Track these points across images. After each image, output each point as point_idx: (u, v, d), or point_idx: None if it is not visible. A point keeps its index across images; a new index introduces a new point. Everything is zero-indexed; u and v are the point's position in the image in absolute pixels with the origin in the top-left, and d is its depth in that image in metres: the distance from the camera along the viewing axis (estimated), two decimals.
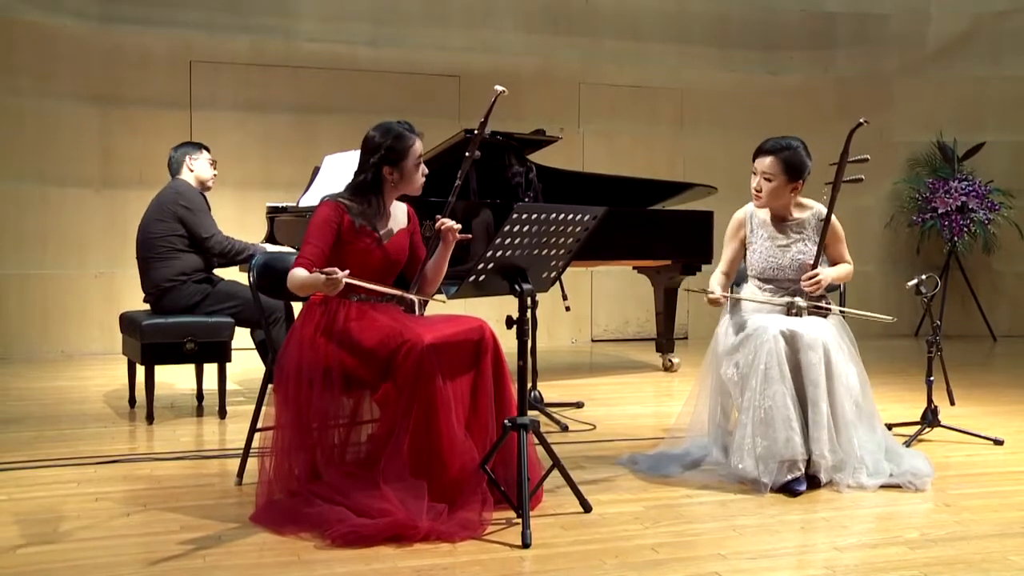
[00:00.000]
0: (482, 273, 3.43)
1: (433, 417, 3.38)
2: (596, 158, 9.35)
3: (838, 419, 3.96)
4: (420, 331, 3.46)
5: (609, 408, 5.83)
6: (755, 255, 4.35)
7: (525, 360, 3.49)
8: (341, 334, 3.57)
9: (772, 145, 4.25)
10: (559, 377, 7.06)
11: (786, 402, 3.90)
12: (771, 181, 4.24)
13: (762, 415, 3.93)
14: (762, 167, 4.24)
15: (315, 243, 3.63)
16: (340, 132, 8.26)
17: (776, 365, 3.93)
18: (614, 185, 7.07)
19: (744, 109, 9.85)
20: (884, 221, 10.16)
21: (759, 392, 3.94)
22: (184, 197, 5.47)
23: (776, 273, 4.30)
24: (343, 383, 3.56)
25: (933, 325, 4.87)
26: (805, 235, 4.32)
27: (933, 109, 10.03)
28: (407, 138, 3.73)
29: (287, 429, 3.56)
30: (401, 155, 3.71)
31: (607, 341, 9.61)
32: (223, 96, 8.47)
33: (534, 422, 3.48)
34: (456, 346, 3.50)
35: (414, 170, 3.75)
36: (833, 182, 4.20)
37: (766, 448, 3.91)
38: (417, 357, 3.39)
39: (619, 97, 9.67)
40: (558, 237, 3.56)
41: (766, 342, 3.97)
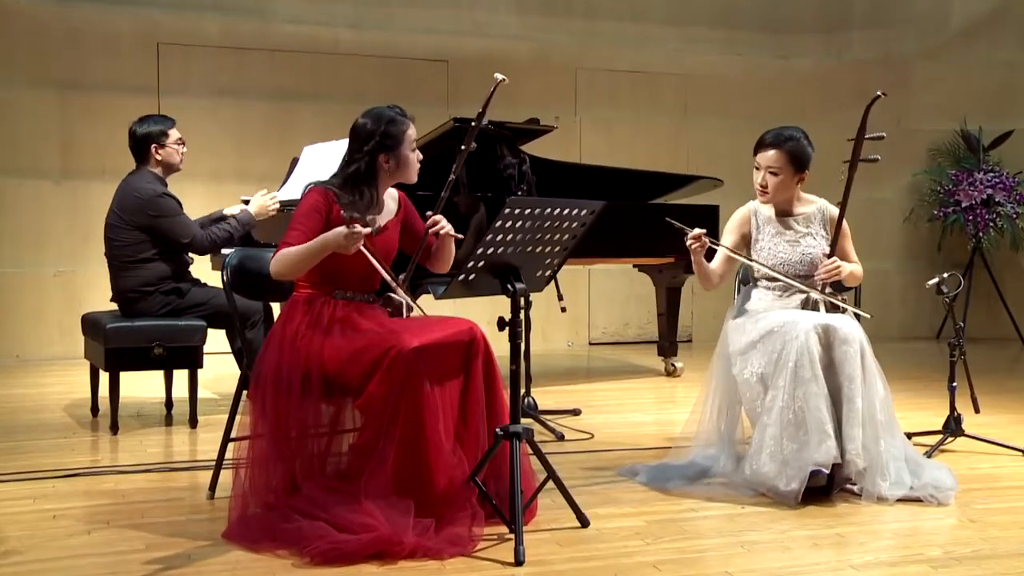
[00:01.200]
0: (472, 272, 3.43)
1: (420, 426, 3.38)
2: (594, 149, 9.36)
3: (868, 417, 3.97)
4: (406, 335, 3.47)
5: (608, 416, 5.83)
6: (763, 253, 4.36)
7: (518, 365, 3.49)
8: (324, 337, 3.57)
9: (774, 137, 4.30)
10: (554, 383, 7.06)
11: (819, 404, 3.90)
12: (777, 175, 4.29)
13: (791, 417, 3.93)
14: (766, 161, 4.29)
15: (300, 228, 3.62)
16: (320, 121, 8.26)
17: (808, 364, 3.93)
18: (613, 177, 7.07)
19: (752, 96, 9.87)
20: (903, 215, 10.18)
21: (788, 392, 3.95)
22: (152, 205, 5.36)
23: (786, 269, 4.31)
24: (324, 389, 3.56)
25: (956, 327, 4.88)
26: (813, 229, 4.36)
27: (956, 95, 10.04)
28: (401, 122, 3.74)
29: (264, 439, 3.56)
30: (397, 141, 3.72)
31: (606, 344, 9.62)
32: (193, 81, 8.47)
33: (528, 431, 3.48)
34: (444, 350, 3.51)
35: (411, 157, 3.77)
36: (850, 160, 4.25)
37: (795, 452, 3.91)
38: (403, 362, 3.39)
39: (618, 83, 9.68)
40: (553, 233, 3.56)
41: (796, 338, 3.97)
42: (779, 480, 3.91)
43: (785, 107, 9.56)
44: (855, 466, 3.93)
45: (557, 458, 4.35)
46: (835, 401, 3.97)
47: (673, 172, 7.75)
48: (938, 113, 10.08)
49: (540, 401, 5.62)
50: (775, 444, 3.94)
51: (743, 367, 4.16)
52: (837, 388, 3.98)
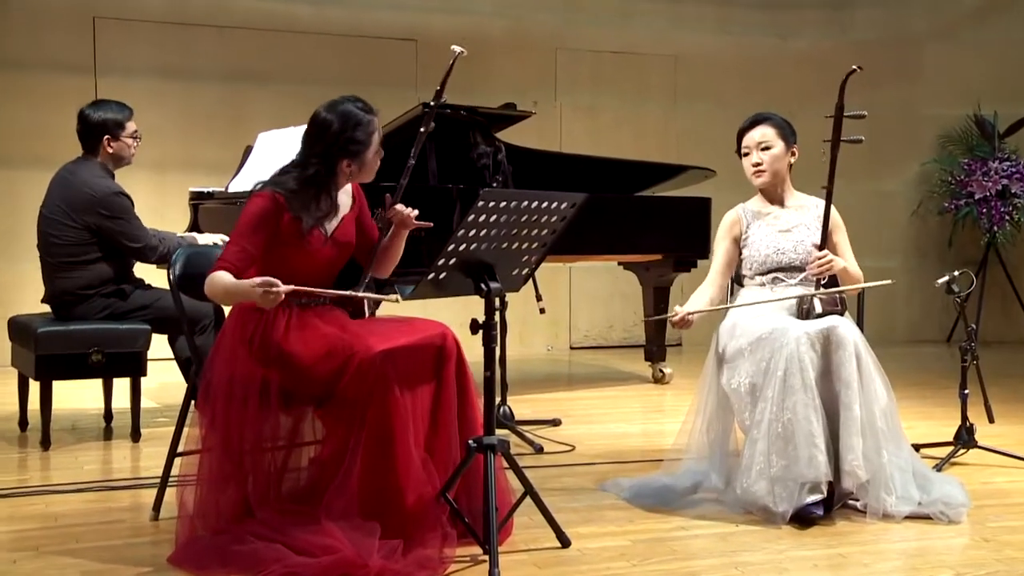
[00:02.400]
0: (442, 270, 3.43)
1: (389, 437, 3.38)
2: (575, 136, 9.38)
3: (868, 426, 3.98)
4: (371, 338, 3.47)
5: (591, 426, 5.85)
6: (754, 248, 4.41)
7: (493, 371, 3.50)
8: (279, 343, 3.56)
9: (758, 116, 4.51)
10: (532, 390, 7.07)
11: (808, 415, 3.92)
12: (771, 147, 4.43)
13: (779, 430, 3.94)
14: (757, 137, 4.44)
15: (243, 244, 3.59)
16: (276, 105, 8.24)
17: (798, 372, 3.95)
18: (596, 167, 7.08)
19: (747, 79, 9.90)
20: (910, 208, 10.24)
21: (776, 403, 3.96)
22: (106, 204, 5.31)
23: (780, 260, 4.37)
24: (281, 398, 3.55)
25: (968, 330, 4.90)
26: (806, 220, 4.43)
27: (969, 77, 10.09)
28: (368, 124, 3.70)
29: (214, 453, 3.55)
30: (364, 146, 3.70)
31: (588, 348, 9.64)
32: (135, 60, 8.43)
33: (503, 443, 3.49)
34: (414, 354, 3.51)
35: (374, 160, 3.77)
36: (831, 139, 4.30)
37: (784, 468, 3.92)
38: (369, 367, 3.39)
39: (602, 65, 9.69)
40: (531, 228, 3.57)
41: (786, 345, 3.99)
42: (769, 500, 3.92)
43: (783, 91, 9.60)
44: (856, 478, 3.93)
45: (535, 472, 4.37)
46: (832, 412, 3.99)
47: (661, 161, 7.77)
48: (949, 97, 10.12)
49: (517, 410, 5.62)
50: (764, 460, 3.96)
51: (731, 376, 4.18)
52: (834, 396, 3.99)
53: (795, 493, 3.90)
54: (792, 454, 3.91)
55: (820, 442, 3.90)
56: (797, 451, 3.90)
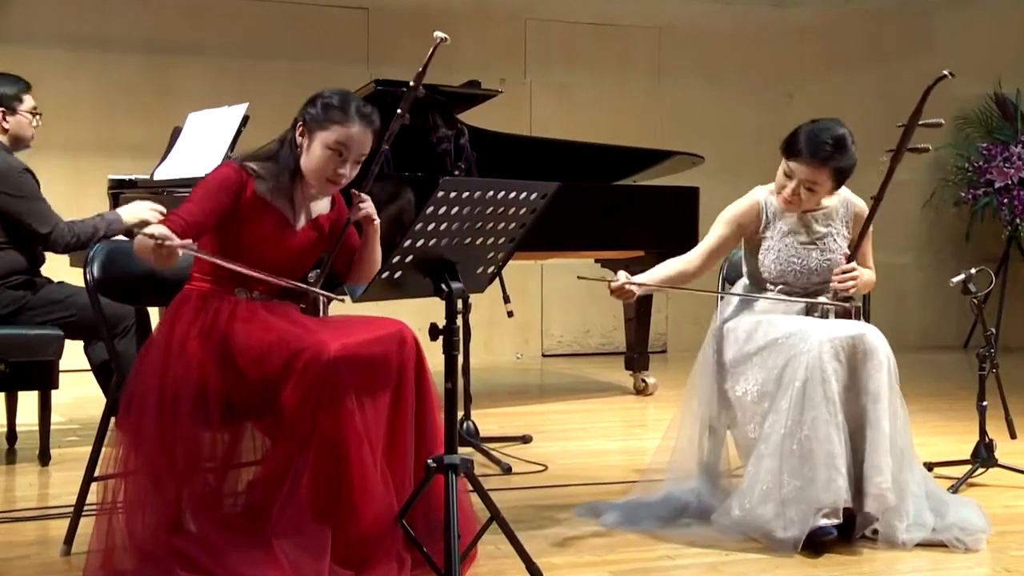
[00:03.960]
0: (397, 268, 3.44)
1: (342, 452, 3.38)
2: (547, 118, 9.39)
3: (894, 445, 3.98)
4: (324, 335, 3.46)
5: (565, 443, 5.87)
6: (771, 255, 4.38)
7: (455, 382, 3.50)
8: (220, 343, 3.55)
9: (815, 147, 4.20)
10: (500, 403, 7.08)
11: (829, 433, 3.90)
12: (814, 192, 4.27)
13: (794, 447, 3.93)
14: (803, 175, 4.24)
15: (198, 203, 3.60)
16: (208, 80, 8.22)
17: (820, 383, 3.93)
18: (570, 153, 7.10)
19: (740, 54, 9.93)
20: (923, 198, 10.30)
21: (792, 417, 3.95)
22: (10, 183, 5.28)
23: (798, 278, 4.35)
24: (221, 410, 3.53)
25: (987, 334, 4.93)
26: (833, 228, 4.39)
27: (989, 51, 10.15)
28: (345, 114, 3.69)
29: (138, 477, 3.53)
30: (320, 124, 3.69)
31: (562, 356, 9.66)
32: (43, 27, 8.37)
33: (467, 462, 3.49)
34: (371, 355, 3.51)
35: (322, 153, 3.70)
36: (895, 149, 4.28)
37: (797, 490, 3.90)
38: (321, 369, 3.38)
39: (577, 38, 9.71)
40: (497, 221, 3.58)
41: (807, 352, 3.97)
42: (776, 524, 3.91)
43: (781, 67, 9.65)
44: (884, 502, 3.91)
45: (503, 495, 4.38)
46: (854, 429, 3.97)
47: (644, 146, 7.79)
48: (966, 73, 10.06)
49: (482, 426, 5.63)
50: (773, 480, 3.95)
51: (736, 383, 4.19)
52: (859, 412, 3.98)
53: (808, 518, 3.88)
54: (808, 475, 3.89)
55: (841, 464, 3.89)
56: (814, 472, 3.88)
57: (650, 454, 4.81)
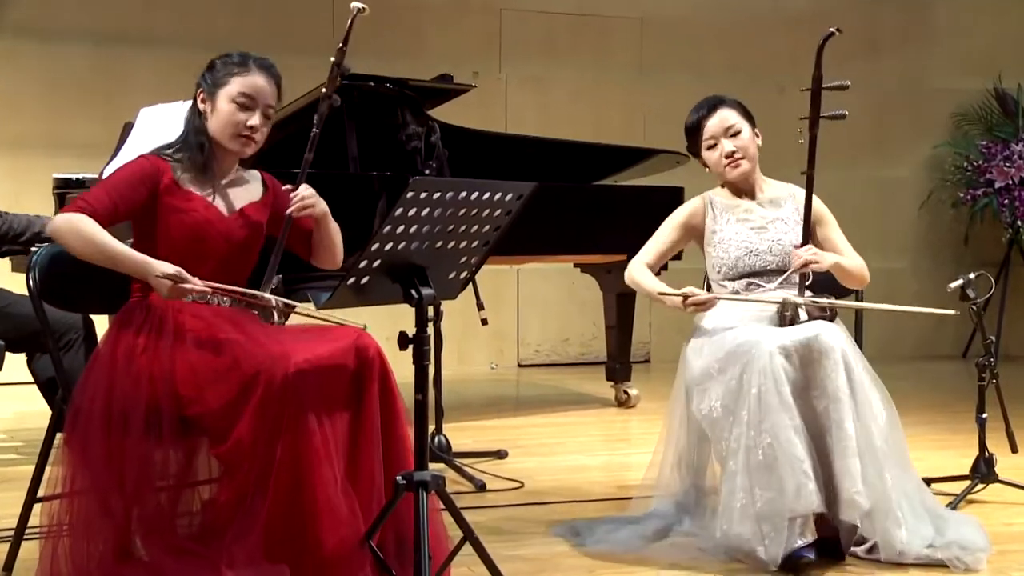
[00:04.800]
0: (364, 273, 3.44)
1: (304, 472, 3.36)
2: (523, 114, 9.40)
3: (865, 446, 3.99)
4: (281, 352, 3.46)
5: (542, 458, 5.88)
6: (722, 247, 4.47)
7: (425, 394, 3.50)
8: (170, 355, 3.53)
9: (711, 100, 4.62)
10: (474, 416, 7.09)
11: (790, 437, 3.93)
12: (741, 131, 4.52)
13: (759, 458, 3.95)
14: (722, 123, 4.54)
15: (109, 189, 3.60)
16: (162, 73, 8.18)
17: (773, 388, 3.96)
18: (547, 151, 7.11)
19: (729, 45, 9.96)
20: (920, 199, 10.33)
21: (753, 426, 3.97)
22: None
23: (754, 262, 4.41)
24: (174, 425, 3.52)
25: (986, 342, 4.95)
26: (783, 214, 4.49)
27: (989, 44, 10.20)
28: (244, 65, 3.79)
29: (85, 497, 3.51)
30: (220, 81, 3.77)
31: (539, 366, 9.66)
32: None
33: (438, 478, 3.49)
34: (330, 369, 3.50)
35: (228, 108, 3.75)
36: (809, 116, 4.34)
37: (769, 503, 3.92)
38: (278, 392, 3.37)
39: (555, 29, 9.72)
40: (470, 224, 3.58)
41: (758, 358, 4.01)
42: (756, 542, 3.93)
43: (771, 60, 9.68)
44: (857, 507, 3.93)
45: (477, 514, 4.39)
46: (818, 433, 4.00)
47: (625, 144, 7.80)
48: (966, 67, 10.22)
49: (455, 440, 5.63)
50: (746, 496, 3.96)
51: (700, 401, 4.20)
52: (819, 415, 4.01)
53: (784, 531, 3.89)
54: (777, 485, 3.91)
55: (808, 468, 3.91)
56: (783, 481, 3.91)
57: (633, 471, 4.82)
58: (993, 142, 9.96)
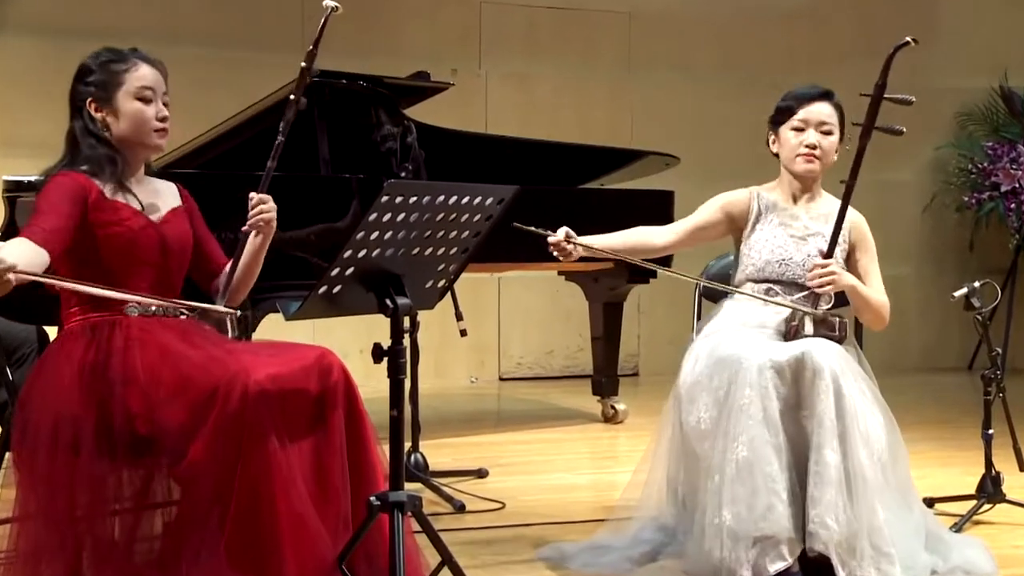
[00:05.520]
0: (337, 282, 3.43)
1: (267, 495, 3.35)
2: (504, 113, 9.40)
3: (852, 475, 3.95)
4: (238, 370, 3.42)
5: (525, 477, 5.88)
6: (756, 247, 4.44)
7: (401, 409, 3.50)
8: (120, 371, 3.51)
9: (823, 89, 4.51)
10: (452, 433, 7.08)
11: (767, 454, 3.91)
12: (831, 134, 4.46)
13: (734, 471, 3.94)
14: (820, 116, 4.45)
15: (53, 214, 3.53)
16: None
17: (758, 401, 3.95)
18: (530, 152, 7.11)
19: (721, 42, 9.97)
20: (922, 203, 10.36)
21: (732, 437, 3.97)
22: None
23: (783, 271, 4.38)
24: (127, 446, 3.50)
25: (992, 354, 4.96)
26: (826, 230, 4.41)
27: (994, 41, 10.24)
28: (126, 61, 3.75)
29: (34, 522, 3.49)
30: (110, 86, 3.72)
31: (522, 380, 9.66)
32: None
33: (414, 499, 3.49)
34: (292, 390, 3.48)
35: (134, 107, 3.72)
36: (864, 124, 4.31)
37: (736, 518, 3.90)
38: (236, 413, 3.35)
39: (538, 23, 9.72)
40: (449, 229, 3.58)
41: (745, 370, 4.00)
42: (737, 563, 3.90)
43: (766, 58, 9.69)
44: (818, 539, 3.86)
45: (455, 536, 4.38)
46: (803, 456, 3.97)
47: (612, 145, 7.80)
48: (970, 65, 10.24)
49: (433, 458, 5.63)
50: (730, 513, 3.94)
51: (690, 412, 4.19)
52: (805, 436, 3.99)
53: (748, 553, 3.87)
54: (747, 501, 3.90)
55: (781, 489, 3.89)
56: (753, 497, 3.89)
57: (621, 489, 4.81)
58: (999, 143, 9.98)
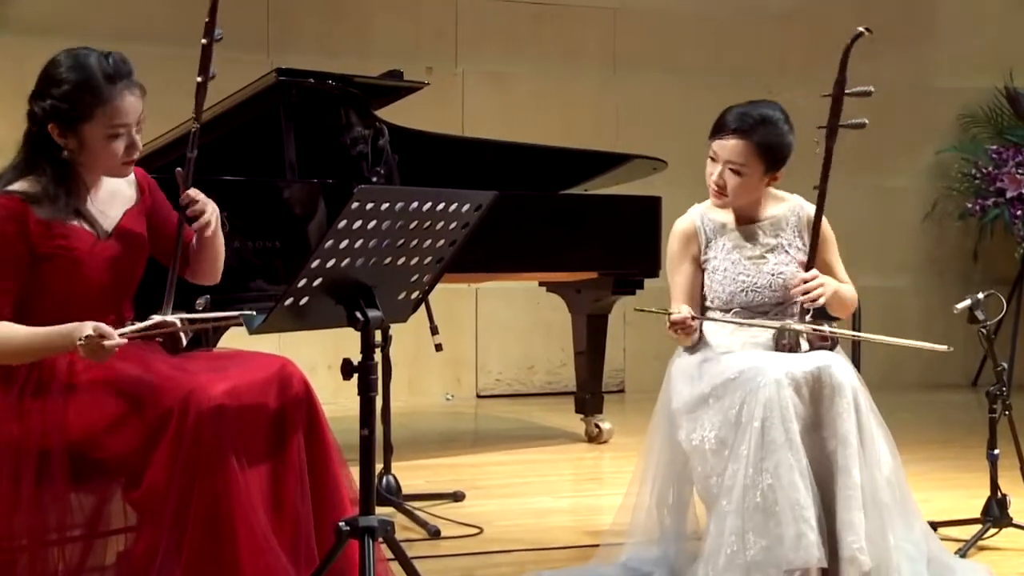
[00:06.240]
0: (304, 293, 3.42)
1: (226, 519, 3.34)
2: (482, 115, 9.40)
3: (870, 498, 3.97)
4: (196, 382, 3.41)
5: (504, 500, 5.88)
6: (716, 277, 4.42)
7: (372, 428, 3.49)
8: (64, 396, 3.48)
9: (738, 119, 4.33)
10: (427, 453, 7.07)
11: (794, 480, 3.90)
12: (740, 174, 4.33)
13: (758, 499, 3.92)
14: (727, 153, 4.33)
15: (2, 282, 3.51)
16: None
17: (779, 423, 3.94)
18: (510, 156, 7.11)
19: (711, 41, 9.99)
20: (923, 210, 10.37)
21: (752, 464, 3.95)
22: None
23: (751, 297, 4.37)
24: (76, 471, 3.46)
25: (997, 369, 4.96)
26: (784, 239, 4.43)
27: (999, 39, 10.26)
28: (105, 91, 3.57)
29: None
30: (77, 117, 3.58)
31: (501, 397, 9.65)
32: None
33: (386, 524, 3.49)
34: (251, 406, 3.47)
35: (103, 145, 3.61)
36: (828, 123, 4.31)
37: (764, 551, 3.89)
38: (198, 426, 3.34)
39: (517, 21, 9.73)
40: (423, 238, 3.57)
41: (762, 387, 3.98)
42: None
43: (756, 58, 9.71)
44: (859, 566, 3.88)
45: (430, 564, 4.38)
46: (824, 478, 3.98)
47: (596, 149, 7.80)
48: (973, 65, 10.27)
49: (406, 481, 5.62)
50: (737, 541, 3.93)
51: (692, 430, 4.18)
52: (827, 459, 3.99)
53: None
54: (775, 532, 3.89)
55: (810, 516, 3.89)
56: (781, 528, 3.88)
57: (606, 514, 4.81)
58: (1004, 146, 9.99)
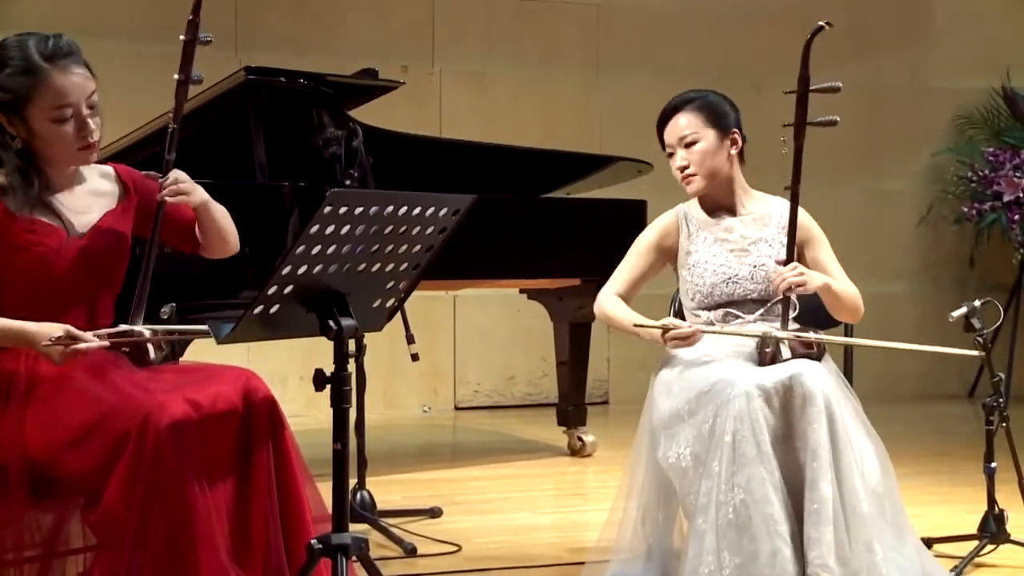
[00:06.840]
0: (274, 301, 3.41)
1: (187, 543, 3.33)
2: (460, 115, 9.40)
3: (850, 510, 3.98)
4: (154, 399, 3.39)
5: (483, 517, 5.87)
6: (697, 271, 4.45)
7: (345, 441, 3.49)
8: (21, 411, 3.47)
9: (674, 102, 4.58)
10: (403, 467, 7.07)
11: (767, 494, 3.92)
12: (697, 142, 4.46)
13: (731, 516, 3.94)
14: (677, 132, 4.49)
15: None
16: None
17: (751, 436, 3.95)
18: (489, 158, 7.11)
19: (697, 39, 10.01)
20: (918, 214, 10.39)
21: (724, 479, 3.97)
22: None
23: (733, 290, 4.40)
24: (33, 487, 3.45)
25: (994, 380, 4.97)
26: (767, 233, 4.47)
27: (995, 38, 10.29)
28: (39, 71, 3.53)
29: None
30: (18, 103, 3.55)
31: (480, 409, 9.65)
32: None
33: (360, 541, 3.48)
34: (212, 420, 3.46)
35: (52, 128, 3.58)
36: (795, 121, 4.33)
37: (738, 569, 3.91)
38: (153, 445, 3.32)
39: (496, 18, 9.73)
40: (399, 243, 3.57)
41: (732, 400, 4.00)
42: None
43: (746, 56, 9.73)
44: None
45: None
46: (797, 491, 3.98)
47: (578, 151, 7.81)
48: (969, 64, 10.29)
49: (381, 496, 5.61)
50: (714, 560, 3.95)
51: (668, 447, 4.19)
52: (799, 469, 4.00)
53: None
54: (748, 548, 3.91)
55: (784, 530, 3.91)
56: (755, 544, 3.90)
57: (590, 531, 4.82)
58: (1001, 149, 10.01)
